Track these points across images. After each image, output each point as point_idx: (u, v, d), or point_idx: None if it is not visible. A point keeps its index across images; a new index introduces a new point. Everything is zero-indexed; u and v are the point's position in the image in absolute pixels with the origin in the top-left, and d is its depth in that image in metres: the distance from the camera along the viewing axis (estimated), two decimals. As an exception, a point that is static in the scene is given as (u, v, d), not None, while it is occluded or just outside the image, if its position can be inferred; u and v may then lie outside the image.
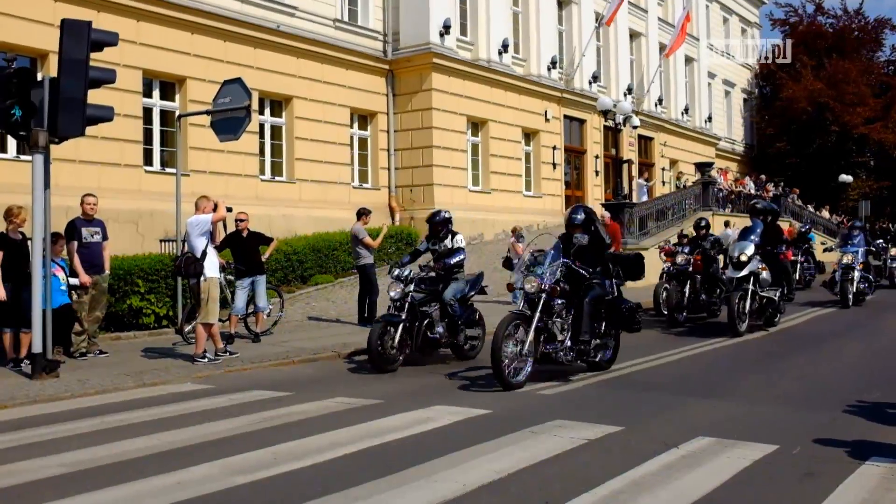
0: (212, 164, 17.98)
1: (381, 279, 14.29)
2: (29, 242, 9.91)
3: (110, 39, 9.77)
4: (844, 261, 17.26)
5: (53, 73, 9.45)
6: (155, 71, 17.54)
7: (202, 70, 18.01)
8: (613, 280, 9.75)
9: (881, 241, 25.80)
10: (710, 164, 29.46)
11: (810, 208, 37.02)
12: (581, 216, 9.63)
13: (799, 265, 21.89)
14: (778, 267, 13.94)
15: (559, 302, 8.86)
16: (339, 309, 15.61)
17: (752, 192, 31.51)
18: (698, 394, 8.30)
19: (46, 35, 13.96)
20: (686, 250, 15.24)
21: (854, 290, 17.11)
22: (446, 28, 23.21)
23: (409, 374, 9.74)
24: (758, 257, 13.30)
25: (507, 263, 16.49)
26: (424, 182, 22.99)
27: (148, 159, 17.55)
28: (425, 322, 10.25)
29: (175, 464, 5.60)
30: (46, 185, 9.33)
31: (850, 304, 16.90)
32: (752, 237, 13.67)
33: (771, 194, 32.53)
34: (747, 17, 46.84)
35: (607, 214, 19.43)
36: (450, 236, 10.97)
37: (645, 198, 28.22)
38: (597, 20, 30.07)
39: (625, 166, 28.05)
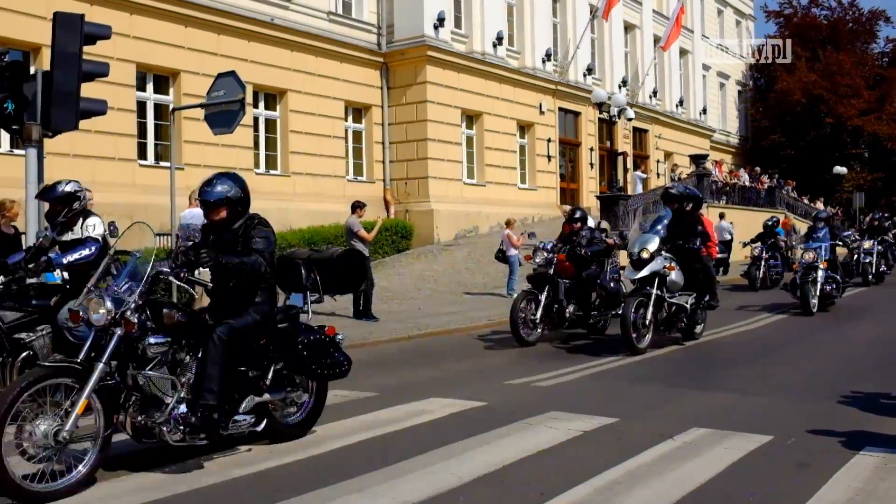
0: (206, 158, 17.93)
1: (377, 273, 14.26)
2: (23, 237, 9.88)
3: (103, 33, 9.73)
4: (805, 259, 14.74)
5: (46, 66, 9.42)
6: (148, 64, 17.50)
7: (196, 63, 17.97)
8: (308, 297, 6.48)
9: (850, 232, 22.97)
10: (704, 157, 29.48)
11: (805, 200, 37.08)
12: (220, 189, 5.73)
13: (764, 262, 19.72)
14: (693, 267, 11.01)
15: (155, 342, 5.25)
16: (333, 302, 15.56)
17: (747, 183, 31.55)
18: (693, 385, 8.31)
19: (39, 28, 13.89)
20: (548, 247, 11.61)
21: (817, 293, 14.44)
22: (440, 21, 23.18)
23: (405, 367, 9.74)
24: (665, 254, 10.55)
25: (500, 255, 16.66)
26: (419, 175, 22.97)
27: (142, 153, 17.52)
28: (22, 356, 6.69)
29: (171, 457, 5.58)
30: (40, 179, 9.31)
31: (814, 309, 14.25)
32: (659, 228, 10.99)
33: (766, 186, 32.58)
34: (742, 9, 46.83)
35: (567, 208, 17.80)
36: (80, 220, 7.43)
37: (640, 190, 28.25)
38: (591, 12, 30.06)
39: (620, 159, 28.07)
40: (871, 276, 20.05)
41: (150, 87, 17.88)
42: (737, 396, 7.64)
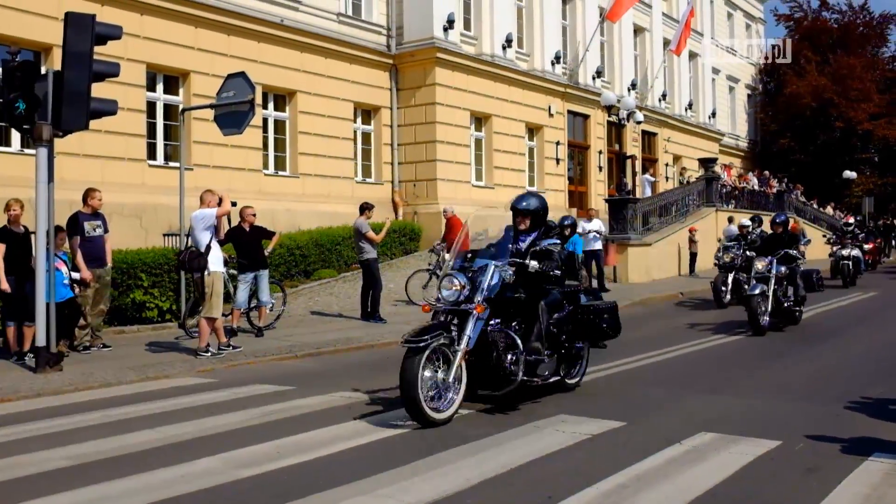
0: (215, 159, 17.99)
1: (385, 274, 14.27)
2: (32, 236, 9.93)
3: (114, 33, 9.77)
4: (445, 292, 7.17)
5: (57, 66, 9.46)
6: (158, 65, 17.54)
7: (206, 64, 18.01)
8: None
9: (732, 245, 17.27)
10: (713, 160, 29.43)
11: (814, 204, 36.97)
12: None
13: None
14: None
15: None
16: (341, 303, 15.63)
17: (756, 187, 31.48)
18: (701, 389, 8.29)
19: (50, 28, 13.96)
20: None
21: (434, 395, 6.72)
22: (450, 23, 23.19)
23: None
24: None
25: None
26: (428, 177, 22.98)
27: (151, 153, 17.57)
28: None
29: (179, 457, 5.61)
30: (50, 178, 9.35)
31: (433, 418, 6.49)
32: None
33: (775, 190, 32.49)
34: (752, 12, 46.77)
35: (450, 210, 16.72)
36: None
37: (649, 193, 28.21)
38: (601, 15, 30.04)
39: (628, 162, 28.04)
40: (762, 318, 12.33)
41: (160, 87, 17.92)
42: (745, 400, 7.62)
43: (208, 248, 10.18)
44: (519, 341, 7.07)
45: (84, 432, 6.46)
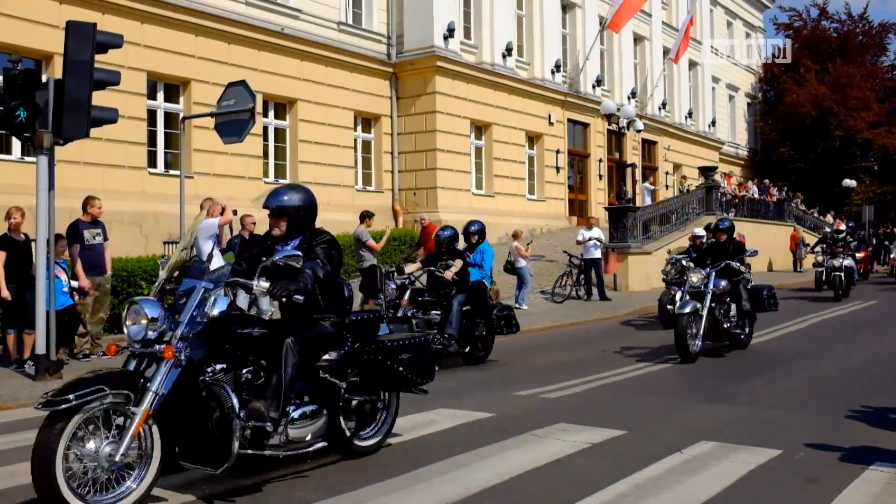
0: (215, 167, 18.00)
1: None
2: (32, 244, 9.93)
3: (115, 41, 9.79)
4: None
5: (58, 74, 9.47)
6: (159, 73, 17.58)
7: (206, 72, 18.04)
8: None
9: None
10: (713, 169, 29.44)
11: (814, 213, 36.99)
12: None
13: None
14: None
15: None
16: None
17: (756, 196, 31.50)
18: (701, 398, 8.27)
19: (51, 37, 13.99)
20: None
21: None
22: (450, 31, 23.24)
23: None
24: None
25: (509, 267, 16.64)
26: (428, 185, 23.01)
27: (152, 161, 17.59)
28: None
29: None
30: (51, 186, 9.35)
31: None
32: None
33: (775, 199, 32.52)
34: (751, 21, 46.85)
35: (426, 218, 17.17)
36: None
37: (649, 201, 28.21)
38: (601, 24, 30.09)
39: (628, 170, 28.07)
40: (692, 342, 10.40)
41: (160, 95, 17.95)
42: (745, 409, 7.61)
43: (210, 256, 10.17)
44: (234, 399, 4.85)
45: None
